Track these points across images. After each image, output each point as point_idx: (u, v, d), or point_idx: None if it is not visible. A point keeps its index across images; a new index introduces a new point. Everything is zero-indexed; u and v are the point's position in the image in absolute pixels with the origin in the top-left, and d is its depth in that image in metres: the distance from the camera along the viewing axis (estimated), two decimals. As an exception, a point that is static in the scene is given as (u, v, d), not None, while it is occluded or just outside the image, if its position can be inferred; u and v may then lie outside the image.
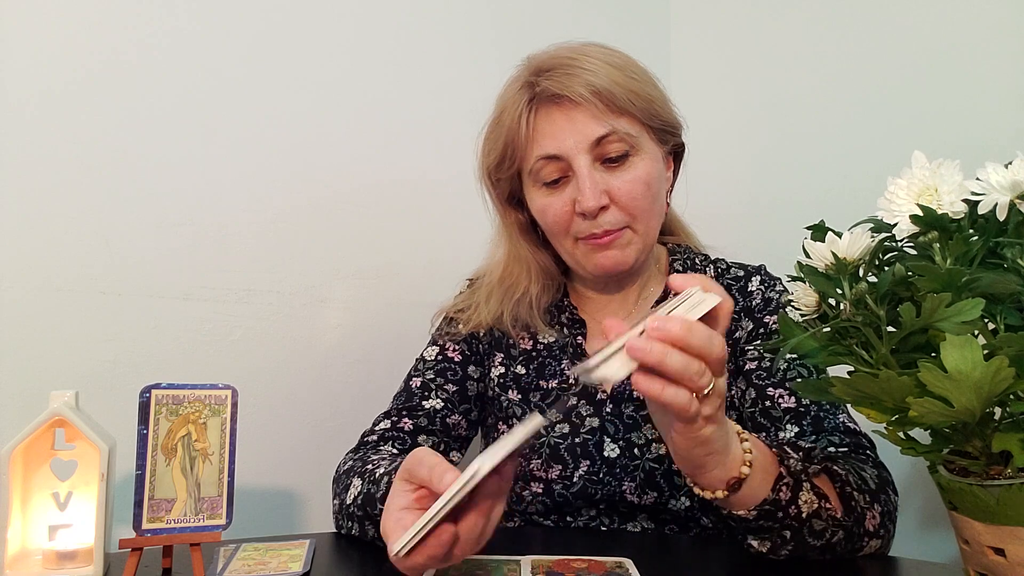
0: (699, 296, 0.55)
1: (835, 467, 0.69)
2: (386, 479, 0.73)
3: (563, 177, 0.84)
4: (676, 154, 0.93)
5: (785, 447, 0.67)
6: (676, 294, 0.56)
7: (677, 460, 0.62)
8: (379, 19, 1.27)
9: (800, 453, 0.67)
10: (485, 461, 0.50)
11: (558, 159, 0.83)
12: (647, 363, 0.51)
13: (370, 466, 0.78)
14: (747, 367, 0.86)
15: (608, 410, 0.87)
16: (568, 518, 0.86)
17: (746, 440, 0.62)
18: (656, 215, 0.87)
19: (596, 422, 0.87)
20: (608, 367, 0.51)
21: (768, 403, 0.82)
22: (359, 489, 0.77)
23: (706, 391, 0.53)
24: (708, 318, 0.54)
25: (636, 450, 0.84)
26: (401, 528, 0.54)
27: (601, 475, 0.84)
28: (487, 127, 0.90)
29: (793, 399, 0.81)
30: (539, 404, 0.91)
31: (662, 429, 0.61)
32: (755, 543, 0.66)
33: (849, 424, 0.80)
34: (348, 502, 0.78)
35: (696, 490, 0.63)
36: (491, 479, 0.52)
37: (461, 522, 0.53)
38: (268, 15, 1.16)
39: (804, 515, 0.64)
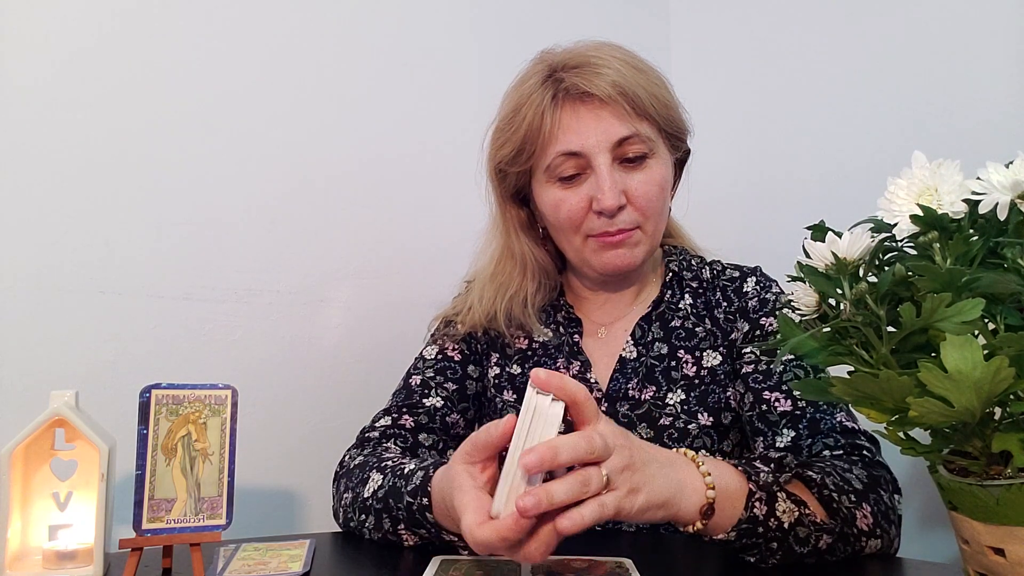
0: (545, 404, 0.54)
1: (809, 472, 0.68)
2: (420, 475, 0.72)
3: (579, 174, 0.84)
4: (680, 161, 0.93)
5: (754, 463, 0.67)
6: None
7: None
8: (378, 19, 1.27)
9: (771, 464, 0.67)
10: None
11: (578, 156, 0.83)
12: (544, 510, 0.50)
13: (389, 462, 0.78)
14: (744, 370, 0.85)
15: (603, 409, 0.87)
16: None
17: (703, 465, 0.62)
18: (664, 219, 0.89)
19: None
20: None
21: (764, 407, 0.82)
22: (380, 482, 0.76)
23: (605, 486, 0.53)
24: (571, 411, 0.55)
25: None
26: (478, 503, 0.53)
27: None
28: (500, 120, 0.89)
29: (789, 402, 0.81)
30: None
31: None
32: (746, 555, 0.66)
33: (847, 423, 0.79)
34: (366, 495, 0.77)
35: (680, 528, 0.62)
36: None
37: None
38: (267, 15, 1.16)
39: (786, 525, 0.63)
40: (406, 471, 0.75)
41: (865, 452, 0.77)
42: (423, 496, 0.69)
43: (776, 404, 0.81)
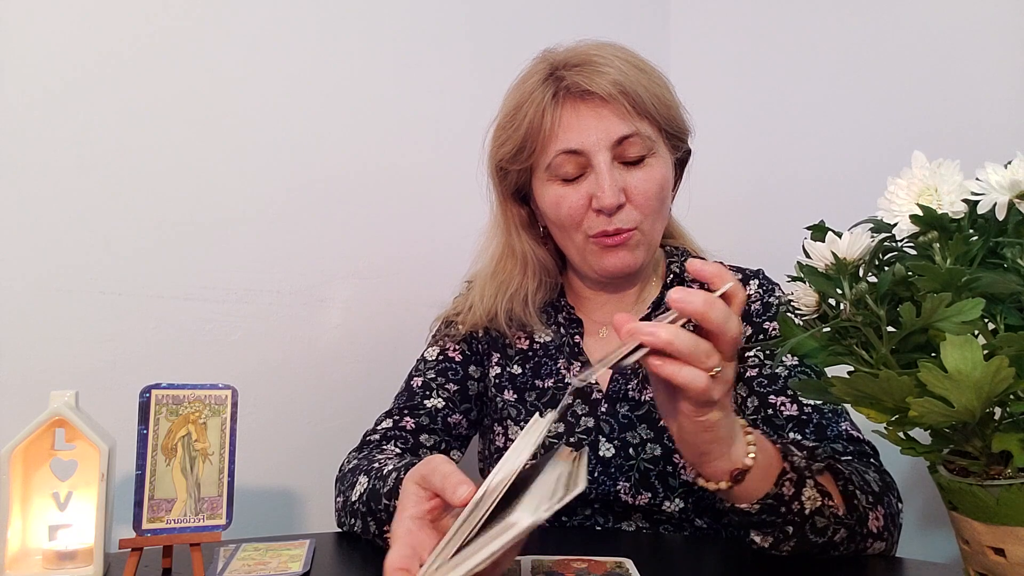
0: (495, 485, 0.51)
1: (839, 465, 0.69)
2: (394, 475, 0.73)
3: (579, 172, 0.84)
4: (681, 161, 0.93)
5: (790, 445, 0.68)
6: (701, 284, 0.56)
7: (682, 447, 0.61)
8: (378, 18, 1.27)
9: (804, 451, 0.67)
10: (524, 515, 0.44)
11: (578, 154, 0.83)
12: (656, 346, 0.51)
13: (376, 464, 0.79)
14: (748, 374, 0.85)
15: (603, 409, 0.87)
16: (563, 518, 0.86)
17: (750, 434, 0.62)
18: (663, 219, 0.89)
19: (591, 421, 0.87)
20: (616, 356, 0.51)
21: (770, 411, 0.82)
22: (365, 486, 0.77)
23: (713, 373, 0.53)
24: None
25: (631, 450, 0.84)
26: (409, 543, 0.51)
27: (596, 474, 0.84)
28: (502, 118, 0.89)
29: (795, 407, 0.81)
30: (537, 405, 0.90)
31: (667, 416, 0.60)
32: (757, 538, 0.66)
33: (852, 432, 0.80)
34: (353, 499, 0.78)
35: (700, 481, 0.63)
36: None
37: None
38: (267, 14, 1.15)
39: (807, 512, 0.64)
40: (384, 472, 0.75)
41: (872, 460, 0.77)
42: (396, 498, 0.69)
43: (782, 408, 0.81)
